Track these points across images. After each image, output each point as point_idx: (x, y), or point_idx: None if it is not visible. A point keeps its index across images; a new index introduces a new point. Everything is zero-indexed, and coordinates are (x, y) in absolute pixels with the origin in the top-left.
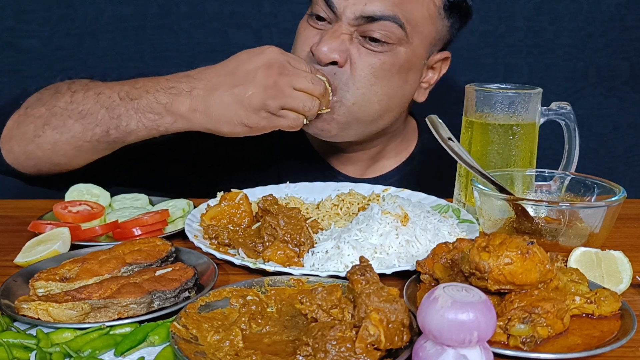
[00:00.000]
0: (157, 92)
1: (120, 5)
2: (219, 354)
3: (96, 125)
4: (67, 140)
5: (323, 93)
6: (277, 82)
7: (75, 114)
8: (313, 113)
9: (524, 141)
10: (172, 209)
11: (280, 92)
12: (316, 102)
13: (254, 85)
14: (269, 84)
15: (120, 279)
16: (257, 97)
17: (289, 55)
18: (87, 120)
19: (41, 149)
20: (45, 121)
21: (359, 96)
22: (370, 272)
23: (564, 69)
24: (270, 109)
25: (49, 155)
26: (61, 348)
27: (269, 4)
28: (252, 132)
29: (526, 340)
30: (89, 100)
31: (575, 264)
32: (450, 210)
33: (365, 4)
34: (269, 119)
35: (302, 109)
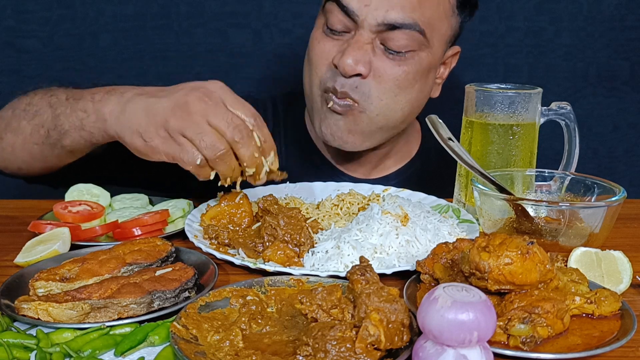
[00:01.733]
0: (98, 92)
1: (120, 5)
2: (219, 354)
3: (41, 126)
4: (21, 143)
5: (240, 141)
6: (189, 104)
7: (30, 115)
8: (213, 159)
9: (524, 141)
10: (172, 209)
11: (187, 115)
12: (219, 146)
13: (168, 99)
14: (180, 103)
15: (120, 279)
16: (163, 111)
17: (230, 94)
18: (35, 121)
19: (4, 151)
20: (7, 123)
21: (382, 107)
22: (370, 272)
23: (564, 69)
24: (170, 129)
25: (10, 158)
26: (61, 348)
27: (269, 4)
28: (147, 149)
29: (526, 340)
30: (43, 102)
31: (575, 264)
32: (450, 210)
33: (387, 11)
34: (165, 140)
35: (199, 144)
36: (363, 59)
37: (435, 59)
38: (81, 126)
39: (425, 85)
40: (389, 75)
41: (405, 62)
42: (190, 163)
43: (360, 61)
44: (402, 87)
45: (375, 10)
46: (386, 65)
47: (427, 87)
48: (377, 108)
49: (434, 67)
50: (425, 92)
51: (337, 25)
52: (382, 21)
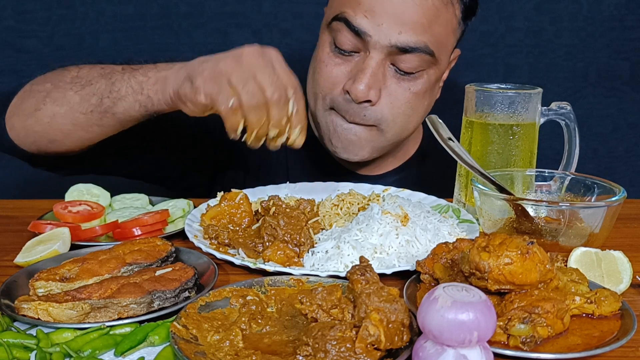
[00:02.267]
0: (159, 63)
1: (120, 5)
2: (219, 354)
3: (93, 94)
4: (65, 112)
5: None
6: (243, 56)
7: (78, 86)
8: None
9: (524, 141)
10: (172, 209)
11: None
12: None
13: (225, 53)
14: (235, 54)
15: (120, 279)
16: (216, 58)
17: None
18: (86, 91)
19: (40, 122)
20: (47, 94)
21: (396, 128)
22: (370, 272)
23: (564, 69)
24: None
25: (46, 129)
26: (61, 348)
27: (269, 4)
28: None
29: (526, 340)
30: (93, 73)
31: (575, 264)
32: (450, 210)
33: (400, 33)
34: (209, 80)
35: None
36: (375, 86)
37: (441, 72)
38: (140, 90)
39: (432, 96)
40: (400, 100)
41: (415, 82)
42: (224, 103)
43: (372, 87)
44: (414, 107)
45: (387, 31)
46: (398, 90)
47: (434, 96)
48: (392, 129)
49: (440, 77)
50: (432, 100)
51: (347, 45)
52: (395, 43)
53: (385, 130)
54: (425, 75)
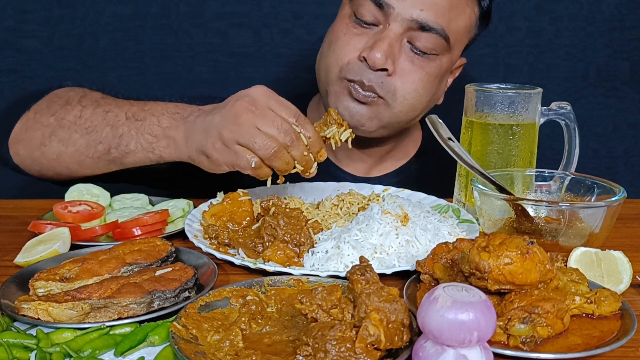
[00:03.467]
0: (162, 115)
1: (120, 5)
2: (219, 354)
3: (100, 142)
4: (71, 153)
5: (291, 144)
6: (238, 115)
7: (82, 129)
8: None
9: (524, 141)
10: (172, 209)
11: (237, 126)
12: (272, 147)
13: (219, 115)
14: (229, 116)
15: (120, 279)
16: (216, 126)
17: (274, 97)
18: (92, 137)
19: (46, 157)
20: (52, 131)
21: (406, 105)
22: (370, 272)
23: (564, 69)
24: (225, 140)
25: (53, 165)
26: (61, 348)
27: (269, 4)
28: (211, 164)
29: (526, 340)
30: (97, 117)
31: (575, 264)
32: (450, 210)
33: (422, 10)
34: (222, 151)
35: (253, 146)
36: (392, 56)
37: (452, 64)
38: (151, 149)
39: (441, 87)
40: (413, 77)
41: (428, 64)
42: (247, 167)
43: (389, 57)
44: (425, 88)
45: (410, 6)
46: (411, 67)
47: (442, 88)
48: (401, 105)
49: (449, 71)
50: (440, 93)
51: (367, 16)
52: (416, 18)
53: (393, 105)
54: (438, 60)
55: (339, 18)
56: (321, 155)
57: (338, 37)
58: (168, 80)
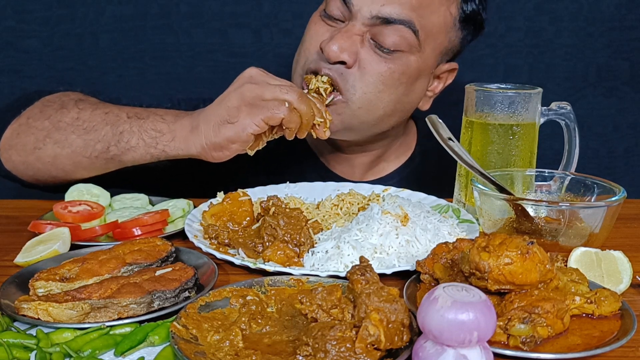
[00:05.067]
0: (165, 113)
1: (120, 5)
2: (219, 354)
3: (98, 141)
4: (67, 154)
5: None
6: (253, 76)
7: (80, 130)
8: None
9: (524, 141)
10: (172, 209)
11: (255, 84)
12: (296, 90)
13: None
14: (244, 80)
15: (120, 279)
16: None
17: (268, 74)
18: (90, 136)
19: (41, 161)
20: (48, 134)
21: (365, 101)
22: (370, 272)
23: (564, 69)
24: (249, 99)
25: (48, 168)
26: (61, 348)
27: (269, 4)
28: (237, 130)
29: (526, 340)
30: (96, 118)
31: (575, 264)
32: (450, 210)
33: (383, 5)
34: (250, 110)
35: (281, 95)
36: (349, 49)
37: (425, 66)
38: (154, 144)
39: (411, 91)
40: (374, 69)
41: (392, 60)
42: (282, 111)
43: (345, 50)
44: (386, 84)
45: (371, 4)
46: (372, 59)
47: (413, 93)
48: (360, 100)
49: (424, 75)
50: (412, 98)
51: (335, 11)
52: (376, 14)
53: (352, 100)
54: (404, 57)
55: (316, 11)
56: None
57: (308, 29)
58: (168, 80)
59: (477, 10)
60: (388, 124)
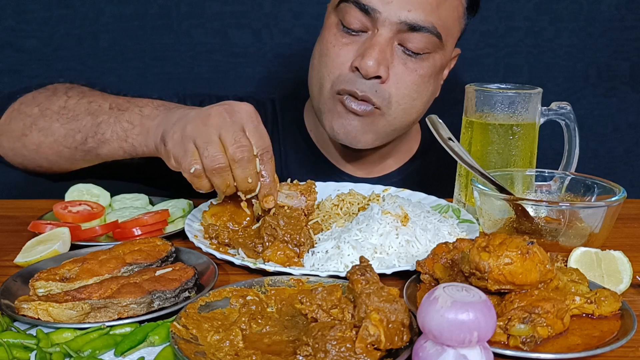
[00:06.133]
0: (145, 106)
1: (120, 5)
2: (219, 354)
3: (78, 131)
4: (50, 143)
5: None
6: (210, 117)
7: (64, 118)
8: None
9: (524, 141)
10: (172, 209)
11: (203, 125)
12: (219, 162)
13: (196, 111)
14: (203, 115)
15: (120, 279)
16: (186, 119)
17: (254, 121)
18: (72, 125)
19: (27, 148)
20: (34, 121)
21: (401, 112)
22: (370, 272)
23: (564, 69)
24: (184, 134)
25: (33, 156)
26: (61, 348)
27: (269, 4)
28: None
29: (526, 340)
30: (80, 107)
31: (575, 264)
32: (450, 210)
33: (409, 11)
34: (177, 143)
35: (202, 152)
36: (384, 62)
37: (446, 59)
38: (125, 137)
39: (436, 85)
40: (407, 82)
41: (422, 65)
42: (186, 169)
43: (381, 63)
44: (419, 91)
45: (397, 8)
46: (405, 70)
47: (437, 86)
48: (396, 112)
49: (444, 67)
50: (436, 91)
51: (354, 24)
52: (405, 20)
53: (387, 113)
54: (431, 58)
55: (326, 28)
56: (266, 201)
57: (328, 49)
58: (168, 80)
59: None
60: (417, 121)
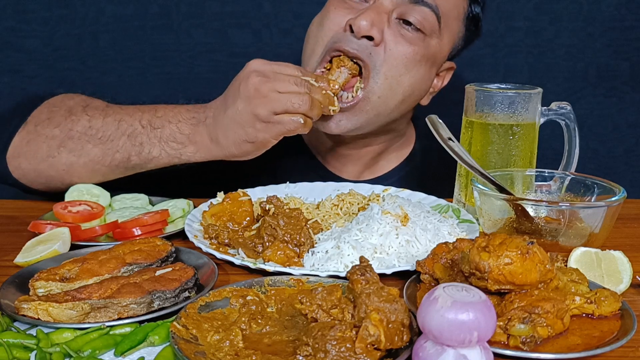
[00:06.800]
0: (179, 122)
1: (120, 5)
2: (219, 354)
3: (117, 151)
4: (84, 163)
5: (312, 91)
6: (258, 89)
7: (95, 140)
8: (309, 110)
9: (524, 141)
10: (172, 209)
11: (264, 98)
12: (306, 98)
13: (240, 100)
14: (251, 94)
15: (120, 279)
16: (245, 110)
17: (273, 63)
18: (108, 146)
19: (55, 169)
20: (61, 143)
21: (385, 87)
22: (370, 272)
23: (564, 69)
24: (262, 117)
25: (62, 175)
26: (61, 348)
27: (269, 4)
28: (258, 146)
29: (526, 340)
30: (110, 127)
31: (575, 264)
32: (450, 210)
33: None
34: (267, 128)
35: (293, 108)
36: (378, 25)
37: (440, 54)
38: (177, 155)
39: (426, 76)
40: (399, 51)
41: (416, 41)
42: (297, 127)
43: (375, 25)
44: (408, 66)
45: None
46: (397, 41)
47: (427, 80)
48: (381, 88)
49: (437, 63)
50: (424, 85)
51: None
52: None
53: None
54: (427, 40)
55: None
56: (333, 85)
57: (328, 11)
58: (168, 80)
59: (479, 15)
60: (398, 111)
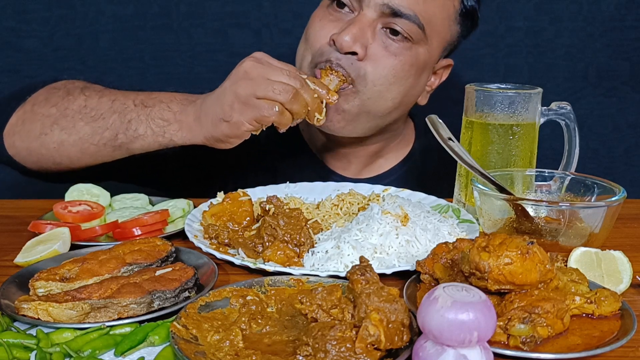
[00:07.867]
0: (171, 101)
1: (120, 5)
2: (219, 354)
3: (106, 129)
4: (74, 141)
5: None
6: (248, 72)
7: (88, 118)
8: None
9: (524, 141)
10: (172, 209)
11: (250, 80)
12: (289, 89)
13: (228, 80)
14: (240, 75)
15: (120, 279)
16: (229, 89)
17: (269, 61)
18: (98, 124)
19: (46, 147)
20: (54, 121)
21: (375, 92)
22: (370, 272)
23: (564, 69)
24: (241, 97)
25: (53, 154)
26: (61, 348)
27: (269, 4)
28: (232, 128)
29: (526, 340)
30: (103, 106)
31: (575, 264)
32: (450, 210)
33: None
34: (243, 109)
35: (273, 95)
36: (361, 40)
37: (431, 59)
38: (161, 133)
39: (417, 83)
40: (386, 64)
41: (402, 52)
42: (272, 114)
43: (358, 40)
44: (397, 76)
45: None
46: (385, 53)
47: (418, 86)
48: (371, 92)
49: (429, 68)
50: (416, 90)
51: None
52: (387, 2)
53: (361, 91)
54: (414, 49)
55: (319, 7)
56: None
57: (314, 22)
58: (168, 80)
59: (475, 6)
60: (391, 116)
